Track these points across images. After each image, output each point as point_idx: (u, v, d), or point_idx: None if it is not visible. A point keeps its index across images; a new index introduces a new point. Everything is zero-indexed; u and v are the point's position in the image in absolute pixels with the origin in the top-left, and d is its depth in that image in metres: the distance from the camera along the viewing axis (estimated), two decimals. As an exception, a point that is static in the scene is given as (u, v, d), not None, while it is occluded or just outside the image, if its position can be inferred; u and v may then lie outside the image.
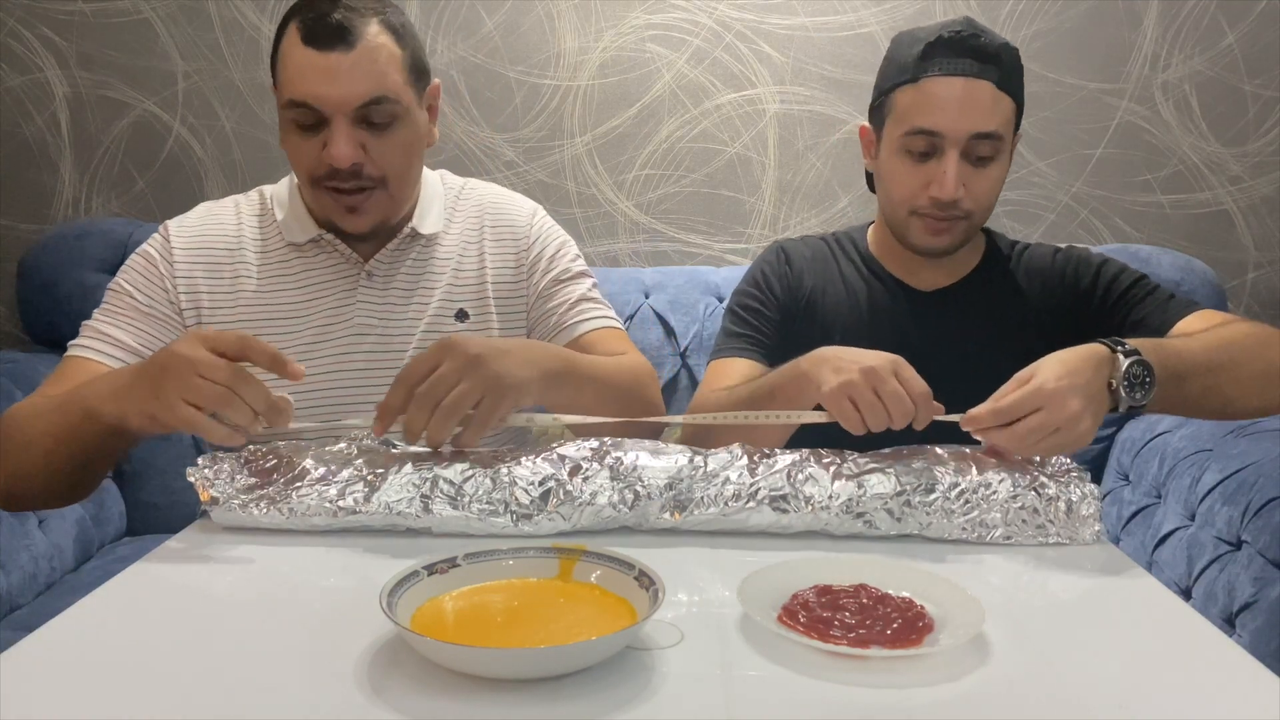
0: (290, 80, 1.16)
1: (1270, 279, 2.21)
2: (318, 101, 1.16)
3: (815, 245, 1.45)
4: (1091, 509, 0.95)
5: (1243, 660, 0.75)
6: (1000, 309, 1.35)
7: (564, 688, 0.68)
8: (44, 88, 2.17)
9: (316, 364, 1.24)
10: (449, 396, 0.97)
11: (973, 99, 1.23)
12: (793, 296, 1.39)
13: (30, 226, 2.20)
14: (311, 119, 1.17)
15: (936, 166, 1.25)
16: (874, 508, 0.94)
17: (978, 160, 1.25)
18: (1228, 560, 1.54)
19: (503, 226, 1.36)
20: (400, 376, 0.99)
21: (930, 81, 1.24)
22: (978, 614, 0.75)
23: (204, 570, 0.89)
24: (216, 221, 1.30)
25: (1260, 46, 2.13)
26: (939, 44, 1.24)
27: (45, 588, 1.72)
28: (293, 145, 1.20)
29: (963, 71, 1.23)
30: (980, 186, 1.27)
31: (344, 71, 1.15)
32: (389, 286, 1.29)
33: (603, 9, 2.15)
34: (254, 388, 0.94)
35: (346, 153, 1.16)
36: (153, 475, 1.97)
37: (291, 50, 1.16)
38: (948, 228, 1.28)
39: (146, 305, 1.23)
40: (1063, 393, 0.96)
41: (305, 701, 0.67)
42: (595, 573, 0.80)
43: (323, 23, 1.14)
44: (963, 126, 1.23)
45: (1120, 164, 2.18)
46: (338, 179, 1.19)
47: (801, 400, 1.09)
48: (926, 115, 1.24)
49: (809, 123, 2.20)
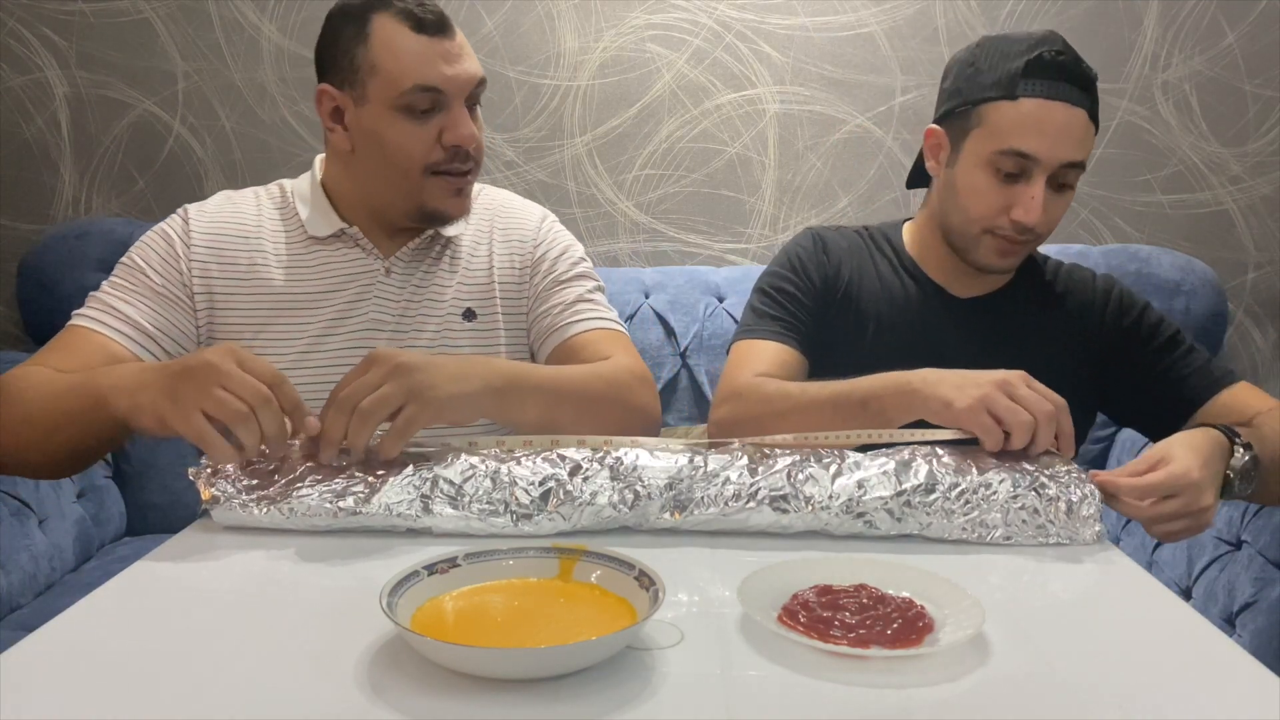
0: (410, 68, 1.19)
1: (1270, 279, 2.21)
2: (446, 84, 1.20)
3: (850, 237, 1.41)
4: (1092, 509, 0.95)
5: (1243, 660, 0.75)
6: (1036, 323, 1.34)
7: (564, 688, 0.68)
8: (44, 88, 2.17)
9: (326, 355, 1.25)
10: (366, 400, 0.96)
11: (1071, 127, 1.20)
12: (829, 285, 1.35)
13: (30, 226, 2.20)
14: (429, 104, 1.20)
15: (1024, 190, 1.22)
16: (874, 508, 0.94)
17: (1060, 187, 1.24)
18: (1228, 560, 1.55)
19: (512, 229, 1.37)
20: (331, 393, 0.99)
21: (1031, 103, 1.20)
22: (978, 614, 0.75)
23: (204, 570, 0.89)
24: (235, 210, 1.31)
25: (1260, 46, 2.13)
26: (1040, 63, 1.20)
27: (45, 588, 1.72)
28: (404, 135, 1.21)
29: (1064, 97, 1.20)
30: (1056, 212, 1.25)
31: (461, 55, 1.22)
32: (406, 284, 1.30)
33: (603, 9, 2.15)
34: (273, 413, 0.93)
35: (474, 131, 1.23)
36: (153, 475, 1.97)
37: (402, 40, 1.19)
38: (1019, 250, 1.27)
39: (160, 285, 1.23)
40: (1203, 485, 1.00)
41: (305, 701, 0.67)
42: (595, 573, 0.80)
43: (428, 11, 1.20)
44: (1058, 154, 1.20)
45: (1120, 164, 2.18)
46: (456, 161, 1.23)
47: (903, 415, 1.10)
48: (1024, 138, 1.20)
49: (809, 123, 2.20)
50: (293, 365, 1.23)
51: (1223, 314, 2.04)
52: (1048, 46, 1.21)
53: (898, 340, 1.32)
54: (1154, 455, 1.03)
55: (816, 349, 1.32)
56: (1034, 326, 1.34)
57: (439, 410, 1.01)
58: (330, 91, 1.24)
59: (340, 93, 1.23)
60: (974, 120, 1.25)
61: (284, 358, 1.23)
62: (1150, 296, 1.98)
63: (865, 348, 1.32)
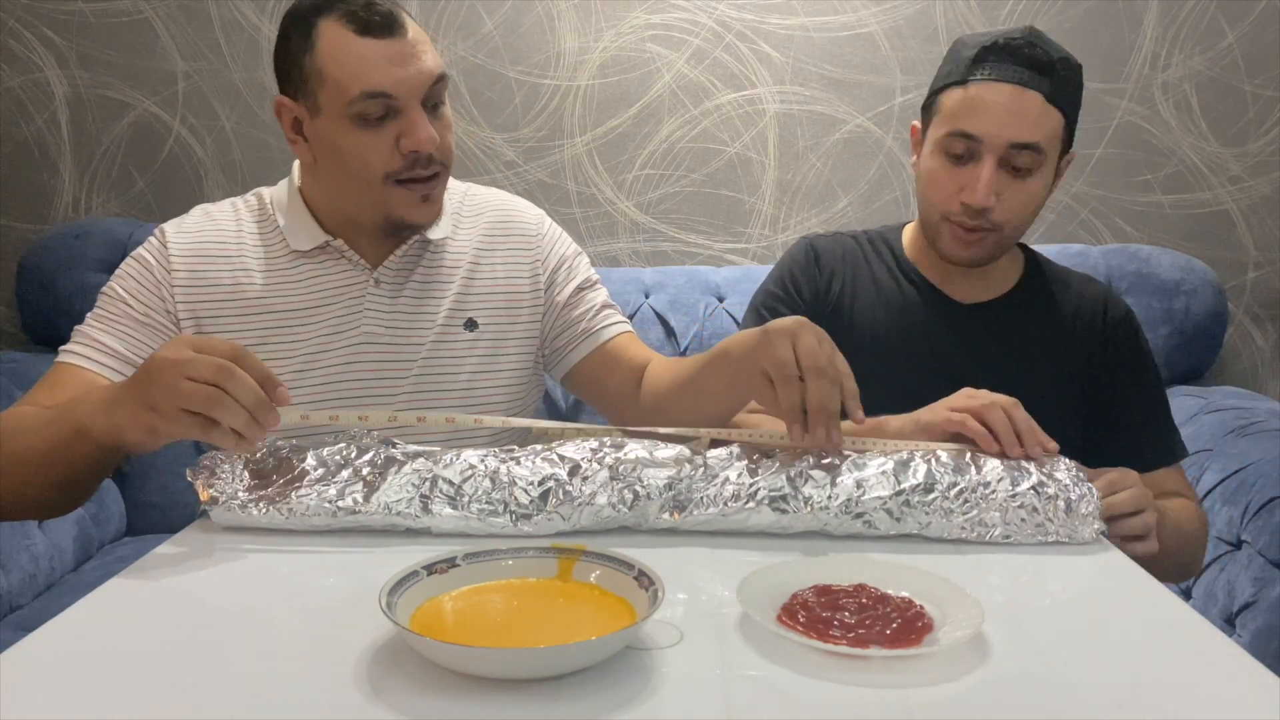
0: (357, 74, 1.12)
1: (1270, 279, 2.21)
2: (395, 88, 1.13)
3: (847, 244, 1.41)
4: (1091, 508, 0.95)
5: (1243, 660, 0.75)
6: (1036, 333, 1.33)
7: (564, 688, 0.68)
8: (44, 88, 2.17)
9: (321, 373, 1.22)
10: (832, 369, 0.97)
11: (1017, 107, 1.20)
12: (820, 300, 1.36)
13: (30, 226, 2.20)
14: (382, 110, 1.14)
15: (972, 172, 1.23)
16: (873, 508, 0.94)
17: (1016, 171, 1.23)
18: (1228, 560, 1.55)
19: (513, 234, 1.34)
20: (775, 377, 0.98)
21: (977, 85, 1.22)
22: (977, 614, 0.75)
23: (204, 570, 0.89)
24: (215, 226, 1.26)
25: (1260, 46, 2.13)
26: (994, 49, 1.22)
27: (45, 588, 1.72)
28: (359, 143, 1.15)
29: (1012, 79, 1.21)
30: (1015, 199, 1.24)
31: (410, 55, 1.14)
32: (398, 295, 1.26)
33: (603, 9, 2.15)
34: (240, 382, 0.90)
35: (432, 134, 1.15)
36: (153, 475, 1.97)
37: (347, 45, 1.13)
38: (978, 239, 1.26)
39: (142, 314, 1.19)
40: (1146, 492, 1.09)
41: (305, 701, 0.67)
42: (595, 573, 0.80)
43: (374, 12, 1.13)
44: (1004, 134, 1.21)
45: (1120, 164, 2.18)
46: (417, 167, 1.17)
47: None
48: (967, 119, 1.22)
49: (809, 123, 2.20)
50: (289, 384, 1.19)
51: (1223, 314, 2.04)
52: (1008, 35, 1.23)
53: (896, 348, 1.31)
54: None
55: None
56: (1036, 336, 1.32)
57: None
58: (287, 103, 1.20)
59: (295, 104, 1.19)
60: (934, 109, 1.28)
61: (279, 377, 1.21)
62: (1150, 296, 2.00)
63: (861, 358, 1.31)
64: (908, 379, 1.26)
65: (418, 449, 0.99)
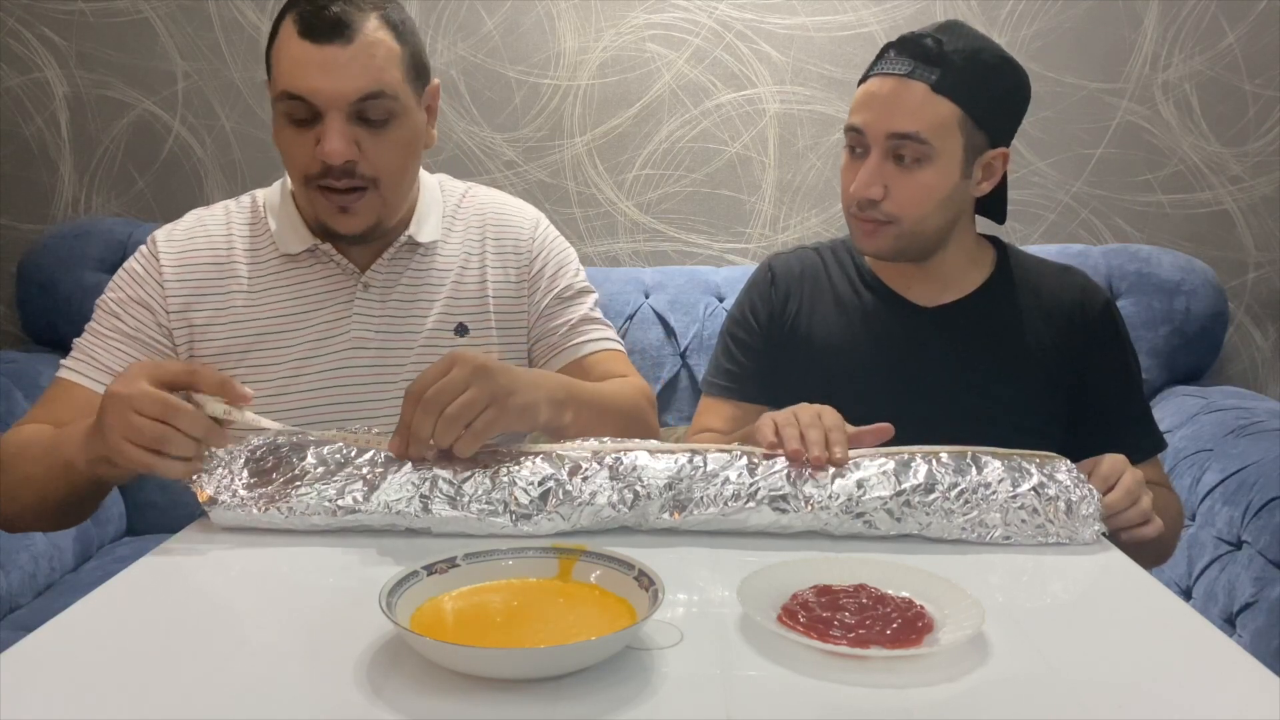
0: (284, 73, 1.13)
1: (1270, 279, 2.21)
2: (312, 94, 1.12)
3: (808, 259, 1.39)
4: (1091, 509, 0.95)
5: (1243, 660, 0.75)
6: (1007, 331, 1.29)
7: (564, 688, 0.68)
8: (44, 88, 2.17)
9: (311, 379, 1.21)
10: (454, 403, 0.95)
11: (897, 98, 1.19)
12: (776, 324, 1.35)
13: (30, 226, 2.20)
14: (305, 113, 1.13)
15: (864, 164, 1.23)
16: (873, 508, 0.94)
17: (902, 162, 1.21)
18: (1228, 560, 1.55)
19: (506, 239, 1.33)
20: (409, 391, 0.97)
21: (869, 80, 1.23)
22: (977, 614, 0.75)
23: (203, 570, 0.89)
24: (206, 232, 1.26)
25: (1260, 46, 2.13)
26: (895, 44, 1.22)
27: (45, 588, 1.73)
28: (285, 141, 1.17)
29: (898, 70, 1.20)
30: (905, 191, 1.21)
31: (340, 65, 1.11)
32: (387, 299, 1.25)
33: (603, 9, 2.15)
34: (187, 417, 0.93)
35: (339, 148, 1.12)
36: (152, 475, 1.97)
37: (287, 42, 1.13)
38: (875, 230, 1.24)
39: (133, 328, 1.20)
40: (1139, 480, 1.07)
41: (305, 701, 0.67)
42: (595, 573, 0.80)
43: (320, 15, 1.11)
44: (881, 125, 1.20)
45: (1120, 164, 2.18)
46: (330, 176, 1.15)
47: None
48: (856, 113, 1.23)
49: (809, 123, 2.20)
50: (279, 391, 1.20)
51: (1223, 314, 2.04)
52: (919, 30, 1.22)
53: (857, 357, 1.30)
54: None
55: (773, 387, 1.31)
56: (1007, 335, 1.29)
57: (515, 416, 1.01)
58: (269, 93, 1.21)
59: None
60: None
61: (269, 383, 1.20)
62: (1150, 296, 2.00)
63: (819, 373, 1.30)
64: (869, 386, 1.26)
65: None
